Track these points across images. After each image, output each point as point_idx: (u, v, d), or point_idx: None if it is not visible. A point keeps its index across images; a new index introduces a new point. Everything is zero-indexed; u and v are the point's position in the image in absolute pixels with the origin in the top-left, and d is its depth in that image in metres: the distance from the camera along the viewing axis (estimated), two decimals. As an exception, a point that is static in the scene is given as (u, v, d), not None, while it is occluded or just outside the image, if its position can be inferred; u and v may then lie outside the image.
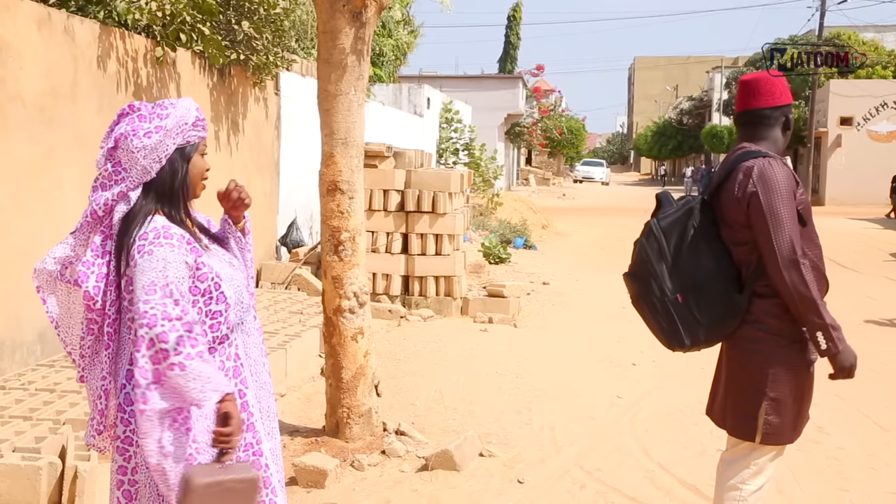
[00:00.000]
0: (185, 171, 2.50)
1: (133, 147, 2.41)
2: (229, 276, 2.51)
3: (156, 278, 2.28)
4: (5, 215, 5.35)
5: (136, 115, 2.46)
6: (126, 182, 2.44)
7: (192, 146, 2.52)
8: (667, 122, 62.61)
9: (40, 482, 3.90)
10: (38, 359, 5.67)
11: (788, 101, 3.22)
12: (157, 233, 2.37)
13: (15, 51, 5.38)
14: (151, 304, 2.24)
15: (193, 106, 2.52)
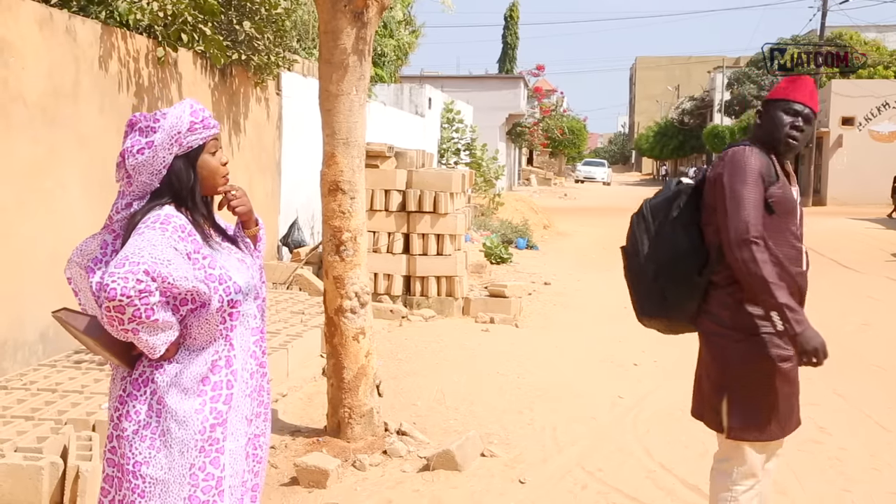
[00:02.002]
0: (192, 176, 2.51)
1: (129, 165, 2.46)
2: (236, 267, 2.54)
3: (130, 254, 2.30)
4: (7, 216, 5.35)
5: (137, 129, 2.48)
6: (133, 194, 2.49)
7: (197, 149, 2.52)
8: (668, 122, 62.59)
9: (42, 482, 3.90)
10: (40, 359, 5.67)
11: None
12: (156, 217, 2.40)
13: (17, 51, 5.38)
14: (115, 278, 2.26)
15: (188, 110, 2.49)
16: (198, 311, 2.45)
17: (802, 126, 3.19)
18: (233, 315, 2.51)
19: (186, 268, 2.37)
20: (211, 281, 2.44)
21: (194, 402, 2.45)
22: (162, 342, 2.38)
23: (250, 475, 2.65)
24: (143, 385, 2.45)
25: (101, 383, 5.08)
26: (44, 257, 5.46)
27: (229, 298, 2.46)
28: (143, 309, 2.28)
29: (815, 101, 3.23)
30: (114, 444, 2.47)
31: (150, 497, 2.41)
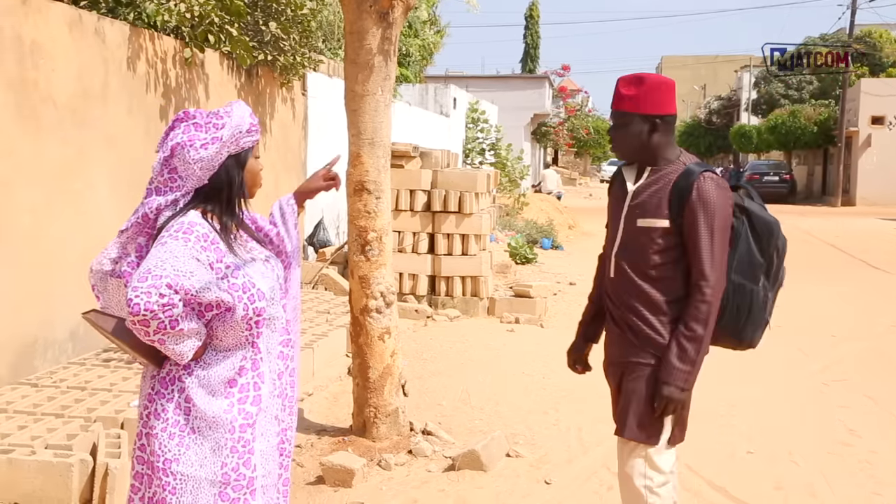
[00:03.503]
0: (241, 178, 2.53)
1: (190, 158, 2.44)
2: (261, 272, 2.54)
3: (153, 266, 2.30)
4: (38, 216, 5.41)
5: (192, 122, 2.47)
6: (181, 189, 2.48)
7: (248, 151, 2.55)
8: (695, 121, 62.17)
9: (72, 479, 3.94)
10: (70, 357, 5.73)
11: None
12: (179, 226, 2.40)
13: (47, 53, 5.44)
14: (138, 293, 2.26)
15: (248, 112, 2.53)
16: (223, 316, 2.45)
17: (611, 134, 3.16)
18: (259, 322, 2.51)
19: (209, 278, 2.37)
20: (234, 290, 2.43)
21: (222, 403, 2.46)
22: (189, 349, 2.40)
23: (282, 469, 2.67)
24: (171, 384, 2.46)
25: (129, 381, 5.12)
26: (73, 257, 5.51)
27: (254, 307, 2.46)
28: (168, 321, 2.29)
29: (617, 100, 3.11)
30: (143, 442, 2.49)
31: (181, 493, 2.42)
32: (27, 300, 5.33)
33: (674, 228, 2.99)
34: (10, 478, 3.94)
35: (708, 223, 2.95)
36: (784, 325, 9.05)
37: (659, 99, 3.05)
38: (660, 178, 3.06)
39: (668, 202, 2.99)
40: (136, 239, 2.53)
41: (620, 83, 3.09)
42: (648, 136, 3.05)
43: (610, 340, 3.25)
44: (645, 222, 3.03)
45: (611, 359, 3.23)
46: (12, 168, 5.17)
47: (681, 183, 2.98)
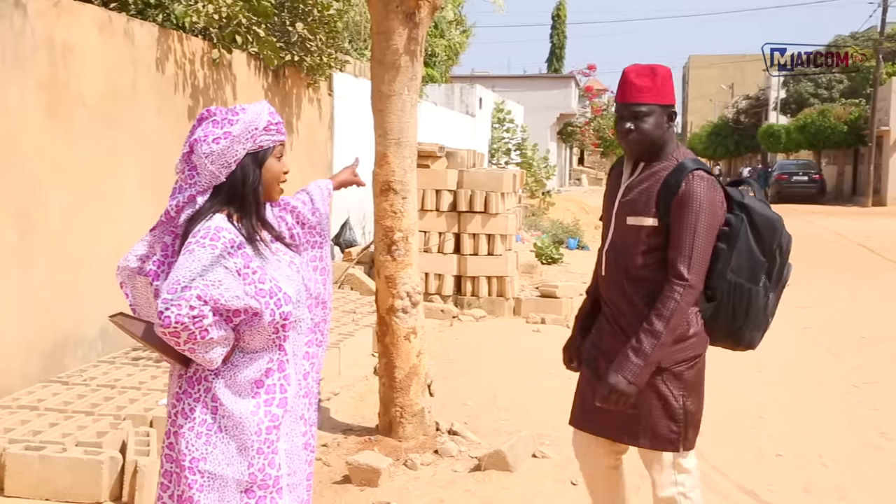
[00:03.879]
0: (257, 176, 2.51)
1: (202, 152, 2.44)
2: (286, 275, 2.54)
3: (182, 277, 2.30)
4: (68, 216, 5.47)
5: (211, 119, 2.48)
6: (198, 186, 2.48)
7: (267, 150, 2.53)
8: (723, 121, 61.69)
9: (102, 476, 3.98)
10: (100, 355, 5.79)
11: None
12: (206, 232, 2.39)
13: (78, 54, 5.50)
14: (168, 305, 2.27)
15: (266, 110, 2.52)
16: (250, 321, 2.46)
17: (626, 126, 2.98)
18: (285, 326, 2.51)
19: (237, 286, 2.37)
20: (261, 296, 2.43)
21: (248, 404, 2.47)
22: (218, 355, 2.41)
23: (307, 465, 2.68)
24: (198, 383, 2.47)
25: (157, 380, 5.17)
26: (102, 256, 5.57)
27: (280, 311, 2.46)
28: (199, 331, 2.30)
29: (635, 91, 2.97)
30: (171, 441, 2.51)
31: (208, 491, 2.44)
32: (58, 299, 5.39)
33: (661, 227, 2.92)
34: (43, 475, 3.99)
35: (691, 223, 2.86)
36: (814, 327, 8.96)
37: (672, 89, 3.01)
38: (652, 174, 2.99)
39: (657, 200, 2.92)
40: (162, 238, 2.54)
41: (633, 74, 2.98)
42: (667, 129, 2.98)
43: (597, 332, 3.19)
44: (634, 220, 2.97)
45: (605, 353, 3.09)
46: (43, 168, 5.24)
47: (670, 180, 2.91)
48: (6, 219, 4.95)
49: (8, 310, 4.98)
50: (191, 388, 2.48)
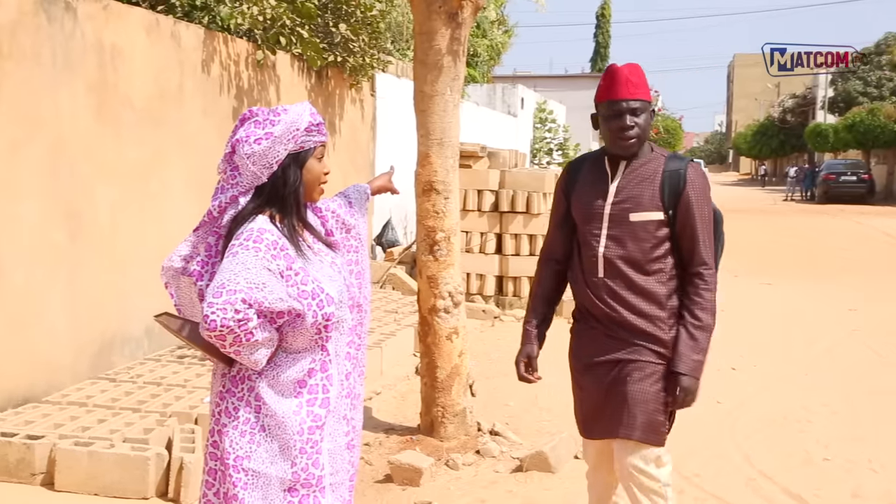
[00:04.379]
0: (299, 177, 2.52)
1: (244, 153, 2.45)
2: (328, 276, 2.55)
3: (226, 281, 2.31)
4: (117, 215, 5.56)
5: (253, 120, 2.49)
6: (240, 186, 2.50)
7: (308, 151, 2.53)
8: (769, 120, 60.84)
9: (149, 472, 4.04)
10: (146, 353, 5.88)
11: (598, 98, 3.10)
12: (249, 234, 2.40)
13: (126, 56, 5.59)
14: (214, 309, 2.28)
15: (307, 111, 2.52)
16: (293, 322, 2.47)
17: (628, 122, 2.96)
18: (327, 327, 2.52)
19: (280, 288, 2.38)
20: (304, 298, 2.43)
21: (291, 404, 2.48)
22: (262, 356, 2.42)
23: (350, 465, 2.69)
24: (241, 382, 2.49)
25: (202, 378, 5.23)
26: (149, 255, 5.65)
27: (322, 312, 2.47)
28: (244, 334, 2.32)
29: (632, 88, 2.96)
30: (215, 439, 2.52)
31: (252, 489, 2.45)
32: (106, 298, 5.48)
33: (667, 220, 2.98)
34: (91, 470, 4.06)
35: (700, 211, 2.99)
36: (862, 329, 8.80)
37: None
38: (641, 169, 3.02)
39: (661, 193, 2.98)
40: (206, 238, 2.56)
41: (626, 71, 2.99)
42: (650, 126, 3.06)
43: (590, 340, 3.11)
44: (639, 216, 2.98)
45: (592, 358, 3.09)
46: (93, 169, 5.33)
47: (670, 173, 2.99)
48: (56, 219, 5.05)
49: (58, 309, 5.07)
50: (234, 387, 2.50)
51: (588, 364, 3.12)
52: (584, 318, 3.16)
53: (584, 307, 3.14)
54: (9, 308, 4.70)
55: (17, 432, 4.26)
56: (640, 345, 3.01)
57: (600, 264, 3.04)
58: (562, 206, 3.20)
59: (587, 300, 3.10)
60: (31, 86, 4.82)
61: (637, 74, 3.01)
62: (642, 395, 3.00)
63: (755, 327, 8.91)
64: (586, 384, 3.15)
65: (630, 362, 3.02)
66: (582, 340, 3.17)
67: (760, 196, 41.04)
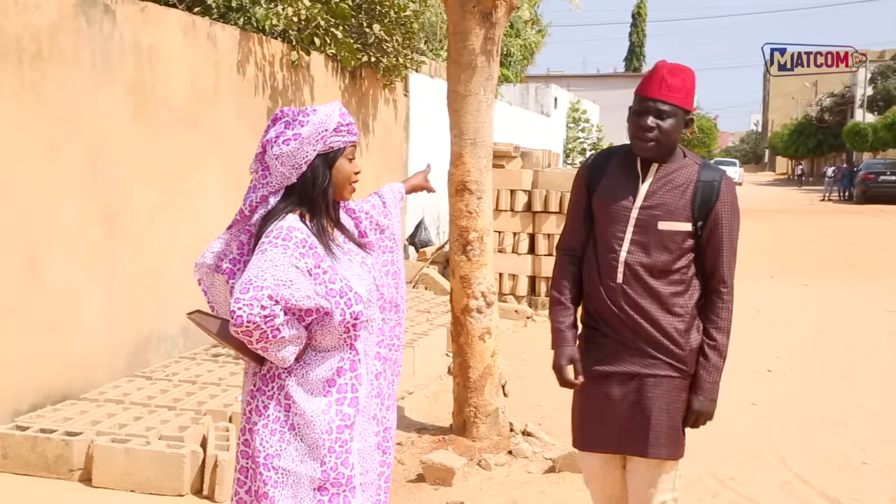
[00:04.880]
0: (328, 177, 2.52)
1: (273, 154, 2.47)
2: (358, 274, 2.56)
3: (254, 277, 2.32)
4: (154, 215, 5.63)
5: (283, 121, 2.50)
6: (270, 186, 2.51)
7: (337, 151, 2.54)
8: (806, 119, 60.10)
9: (184, 469, 4.08)
10: (181, 351, 5.94)
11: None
12: (278, 232, 2.41)
13: (163, 58, 5.65)
14: (240, 305, 2.29)
15: (337, 111, 2.52)
16: (321, 320, 2.48)
17: (648, 123, 2.84)
18: (356, 325, 2.52)
19: (308, 286, 2.39)
20: (332, 296, 2.44)
21: (320, 403, 2.48)
22: (290, 353, 2.43)
23: (383, 467, 2.69)
24: (272, 381, 2.51)
25: (236, 376, 5.27)
26: (184, 254, 5.70)
27: (350, 311, 2.47)
28: (270, 330, 2.33)
29: (666, 89, 2.84)
30: (246, 437, 2.54)
31: (282, 488, 2.46)
32: (142, 297, 5.55)
33: (694, 231, 2.88)
34: (127, 467, 4.11)
35: (730, 229, 2.89)
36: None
37: (693, 96, 2.93)
38: (673, 176, 2.90)
39: (692, 204, 2.87)
40: (238, 236, 2.58)
41: (666, 70, 2.87)
42: (680, 134, 2.92)
43: (601, 347, 2.99)
44: (668, 225, 2.86)
45: (605, 368, 2.97)
46: (130, 169, 5.39)
47: (704, 184, 2.87)
48: (94, 219, 5.12)
49: (96, 308, 5.14)
50: (265, 385, 2.51)
51: (599, 374, 2.97)
52: (595, 323, 3.01)
53: (595, 311, 3.00)
54: (48, 307, 4.77)
55: (56, 429, 4.33)
56: (658, 358, 2.91)
57: (620, 269, 2.91)
58: (583, 200, 3.06)
59: (601, 304, 2.96)
60: (71, 87, 4.89)
61: (679, 77, 2.87)
62: (666, 413, 2.92)
63: (791, 329, 8.81)
64: (595, 394, 2.99)
65: (649, 377, 2.91)
66: (592, 348, 3.01)
67: (797, 196, 40.53)
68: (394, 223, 2.91)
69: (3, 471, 4.28)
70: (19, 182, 4.56)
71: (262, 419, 2.48)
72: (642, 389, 2.92)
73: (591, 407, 3.03)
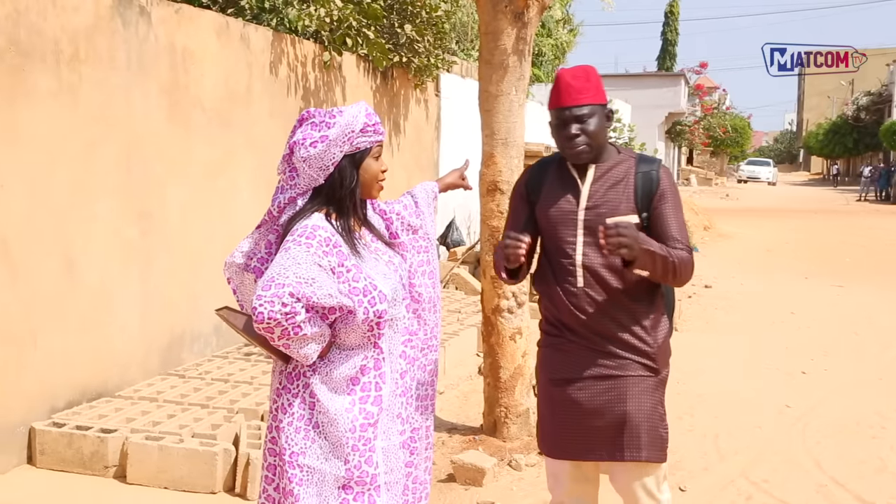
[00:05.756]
0: (355, 178, 2.54)
1: (300, 156, 2.49)
2: (383, 273, 2.56)
3: (276, 275, 2.34)
4: (187, 214, 5.68)
5: (310, 122, 2.52)
6: (298, 188, 2.54)
7: (364, 152, 2.55)
8: (842, 119, 59.32)
9: (217, 467, 4.12)
10: (214, 350, 5.99)
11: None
12: (303, 230, 2.43)
13: (197, 59, 5.70)
14: (262, 301, 2.31)
15: (363, 112, 2.53)
16: (345, 318, 2.49)
17: (572, 131, 2.83)
18: (380, 324, 2.53)
19: (330, 284, 2.40)
20: (355, 294, 2.45)
21: (344, 401, 2.49)
22: (312, 351, 2.44)
23: (411, 468, 2.69)
24: (297, 379, 2.52)
25: (268, 375, 5.31)
26: (217, 253, 5.75)
27: (374, 309, 2.48)
28: (291, 327, 2.34)
29: (574, 94, 2.82)
30: (273, 435, 2.56)
31: (307, 485, 2.47)
32: (175, 295, 5.60)
33: (642, 222, 2.86)
34: (161, 464, 4.15)
35: (677, 213, 2.90)
36: (940, 334, 8.52)
37: (603, 87, 2.91)
38: (611, 173, 2.90)
39: (636, 196, 2.86)
40: (266, 236, 2.61)
41: (568, 76, 2.86)
42: (606, 128, 2.93)
43: (568, 354, 2.93)
44: (617, 221, 2.81)
45: (574, 374, 2.91)
46: (165, 168, 5.45)
47: (643, 175, 2.88)
48: (130, 218, 5.18)
49: (130, 306, 5.20)
50: (290, 383, 2.53)
51: (568, 379, 2.91)
52: (558, 331, 2.95)
53: (557, 319, 2.94)
54: (84, 306, 4.84)
55: (92, 426, 4.39)
56: (628, 358, 2.86)
57: (579, 273, 2.86)
58: (523, 213, 3.02)
59: (563, 311, 2.90)
60: (107, 88, 4.95)
61: (581, 78, 2.85)
62: (642, 412, 2.86)
63: (826, 330, 8.70)
64: (564, 400, 2.92)
65: (621, 378, 2.86)
66: (559, 355, 2.95)
67: (832, 196, 40.03)
68: (427, 223, 2.91)
69: (41, 466, 4.35)
70: (56, 181, 4.62)
71: (287, 417, 2.50)
72: (614, 391, 2.87)
73: (559, 413, 2.96)
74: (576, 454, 2.96)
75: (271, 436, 2.57)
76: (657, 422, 2.90)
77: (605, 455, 2.91)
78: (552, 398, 2.98)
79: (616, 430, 2.86)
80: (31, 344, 4.47)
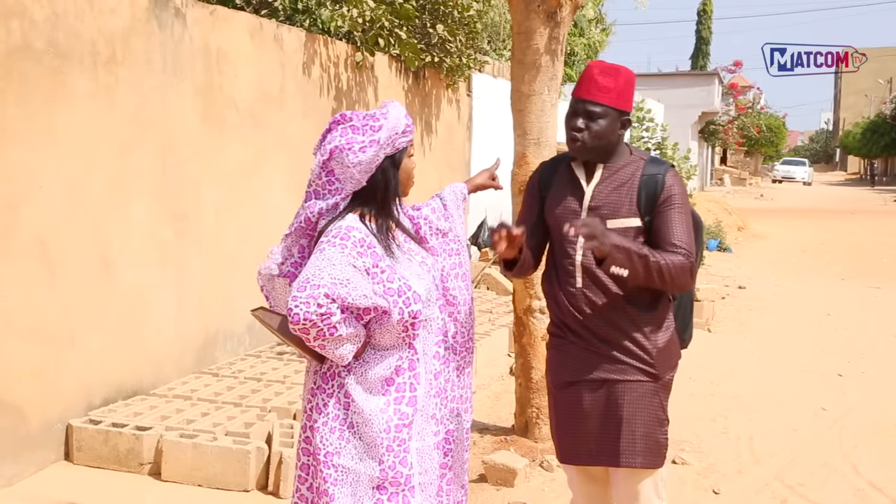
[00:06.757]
0: (397, 178, 2.56)
1: (349, 162, 2.48)
2: (417, 274, 2.56)
3: (311, 276, 2.34)
4: (222, 213, 5.73)
5: (349, 125, 2.51)
6: (340, 193, 2.53)
7: (402, 151, 2.57)
8: (880, 117, 58.44)
9: (249, 465, 4.15)
10: (247, 349, 6.03)
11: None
12: (337, 231, 2.44)
13: (231, 60, 5.75)
14: (297, 303, 2.32)
15: (403, 113, 2.55)
16: (380, 319, 2.49)
17: (578, 124, 2.82)
18: (415, 325, 2.53)
19: (365, 285, 2.41)
20: (390, 295, 2.46)
21: (378, 402, 2.50)
22: (348, 351, 2.45)
23: (445, 469, 2.69)
24: (332, 379, 2.53)
25: (300, 374, 5.34)
26: (251, 254, 5.79)
27: (409, 310, 2.48)
28: (326, 328, 2.35)
29: (594, 89, 2.79)
30: (307, 435, 2.57)
31: (341, 485, 2.48)
32: (210, 295, 5.65)
33: (644, 226, 2.82)
34: (195, 461, 4.19)
35: (682, 218, 2.81)
36: (980, 337, 8.37)
37: (631, 97, 2.87)
38: (617, 174, 2.86)
39: (638, 199, 2.82)
40: (298, 241, 2.61)
41: (597, 70, 2.83)
42: (619, 134, 2.87)
43: (568, 356, 2.93)
44: (617, 223, 2.81)
45: (573, 377, 2.91)
46: (200, 168, 5.50)
47: (647, 178, 2.83)
48: (165, 218, 5.23)
49: (166, 305, 5.25)
50: (325, 383, 2.54)
51: (568, 382, 2.92)
52: (561, 331, 2.96)
53: (560, 320, 2.96)
54: (120, 305, 4.89)
55: (127, 423, 4.44)
56: (626, 362, 2.84)
57: (578, 273, 2.87)
58: (535, 209, 3.02)
59: (564, 311, 2.91)
60: (143, 89, 5.01)
61: (610, 78, 2.81)
62: (639, 418, 2.85)
63: (863, 332, 8.58)
64: (566, 404, 2.95)
65: (618, 383, 2.84)
66: (560, 357, 2.97)
67: (870, 196, 39.45)
68: (456, 225, 2.91)
69: (77, 463, 4.41)
70: (93, 183, 4.68)
71: (321, 417, 2.50)
72: (612, 396, 2.86)
73: (564, 418, 2.98)
74: (582, 459, 2.98)
75: (305, 435, 2.58)
76: (655, 427, 2.88)
77: (605, 460, 2.92)
78: (557, 403, 3.01)
79: (614, 436, 2.87)
80: (70, 343, 4.53)
